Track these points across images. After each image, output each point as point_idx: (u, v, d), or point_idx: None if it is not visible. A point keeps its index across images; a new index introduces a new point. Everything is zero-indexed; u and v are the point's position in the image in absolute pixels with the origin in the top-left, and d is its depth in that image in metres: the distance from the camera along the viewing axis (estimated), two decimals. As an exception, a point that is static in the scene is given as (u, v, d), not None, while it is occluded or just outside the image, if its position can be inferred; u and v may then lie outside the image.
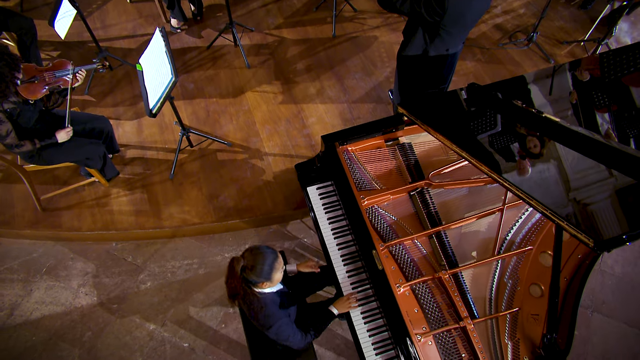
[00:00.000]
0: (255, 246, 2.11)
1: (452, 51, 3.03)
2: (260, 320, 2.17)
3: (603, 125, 2.36)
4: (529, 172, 2.10)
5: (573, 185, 2.00)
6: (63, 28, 3.51)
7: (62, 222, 3.48)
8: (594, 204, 1.90)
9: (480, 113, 2.43)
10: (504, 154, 2.22)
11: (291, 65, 4.30)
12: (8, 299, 3.33)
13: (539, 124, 2.24)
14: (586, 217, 1.86)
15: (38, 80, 2.87)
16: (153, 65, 3.03)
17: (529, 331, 2.24)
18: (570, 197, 1.97)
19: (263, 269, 2.05)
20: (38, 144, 2.92)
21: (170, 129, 3.91)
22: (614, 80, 2.55)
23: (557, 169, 2.08)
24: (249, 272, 2.05)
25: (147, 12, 4.73)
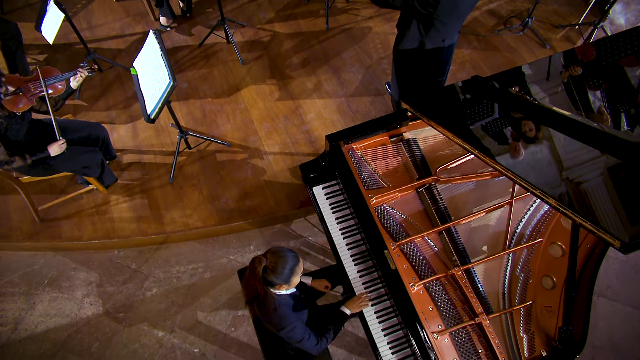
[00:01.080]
0: (279, 248, 2.10)
1: (449, 42, 2.99)
2: (274, 322, 2.15)
3: (595, 103, 2.39)
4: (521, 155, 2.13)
5: (565, 165, 2.04)
6: (51, 33, 3.39)
7: (62, 232, 3.41)
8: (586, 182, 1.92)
9: (482, 105, 2.41)
10: (500, 144, 2.23)
11: (286, 60, 4.23)
12: (11, 313, 3.27)
13: (537, 113, 2.25)
14: (582, 202, 1.88)
15: (23, 92, 2.76)
16: (148, 69, 2.95)
17: (544, 323, 2.25)
18: (563, 178, 2.01)
19: (284, 272, 2.04)
20: (29, 159, 2.81)
21: (167, 132, 3.83)
22: (611, 63, 2.55)
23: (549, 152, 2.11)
24: (269, 273, 2.04)
25: (134, 10, 4.60)
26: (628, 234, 1.66)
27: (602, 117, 2.32)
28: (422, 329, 2.18)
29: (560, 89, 2.49)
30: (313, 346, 2.27)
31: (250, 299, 2.14)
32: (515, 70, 2.69)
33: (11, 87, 2.71)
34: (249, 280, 2.09)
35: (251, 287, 2.09)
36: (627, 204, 1.81)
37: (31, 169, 2.96)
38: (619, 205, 1.83)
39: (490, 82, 2.51)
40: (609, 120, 2.29)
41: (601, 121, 2.29)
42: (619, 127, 2.25)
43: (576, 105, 2.38)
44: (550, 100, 2.42)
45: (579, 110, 2.34)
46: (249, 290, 2.12)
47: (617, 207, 1.82)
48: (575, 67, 2.55)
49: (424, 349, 2.15)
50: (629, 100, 2.35)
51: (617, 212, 1.80)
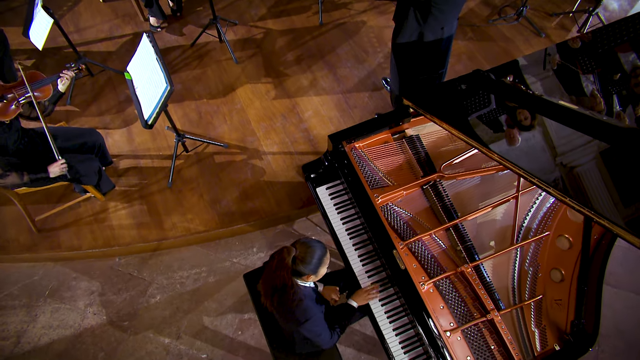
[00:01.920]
0: (307, 239, 2.12)
1: (448, 31, 2.96)
2: (298, 314, 2.13)
3: (588, 87, 2.39)
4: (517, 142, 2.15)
5: (559, 151, 2.05)
6: (40, 39, 3.29)
7: (61, 242, 3.35)
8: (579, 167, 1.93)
9: (481, 97, 2.40)
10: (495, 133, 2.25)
11: (280, 58, 4.17)
12: (13, 326, 3.22)
13: (531, 102, 2.28)
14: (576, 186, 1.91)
15: (8, 99, 2.69)
16: (143, 73, 2.88)
17: (554, 317, 2.26)
18: (557, 163, 2.03)
19: (312, 262, 2.05)
20: (26, 177, 2.74)
21: (163, 135, 3.77)
22: (606, 50, 2.55)
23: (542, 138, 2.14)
24: (299, 262, 2.04)
25: (123, 11, 4.50)
26: (621, 216, 1.71)
27: (594, 100, 2.33)
28: (434, 328, 2.17)
29: (552, 74, 2.50)
30: (328, 340, 2.29)
31: (271, 291, 2.12)
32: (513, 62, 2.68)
33: None
34: (276, 270, 2.07)
35: (277, 278, 2.07)
36: (620, 187, 1.83)
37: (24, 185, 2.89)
38: (612, 188, 1.85)
39: (487, 74, 2.50)
40: (602, 104, 2.30)
41: (594, 104, 2.31)
42: (612, 108, 2.27)
43: (569, 89, 2.40)
44: (543, 85, 2.44)
45: (572, 95, 2.37)
46: (273, 282, 2.10)
47: (610, 190, 1.84)
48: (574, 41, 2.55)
49: (437, 348, 2.15)
50: (620, 83, 2.35)
51: (611, 195, 1.82)
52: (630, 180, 1.85)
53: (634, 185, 1.82)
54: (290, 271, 2.06)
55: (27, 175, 2.76)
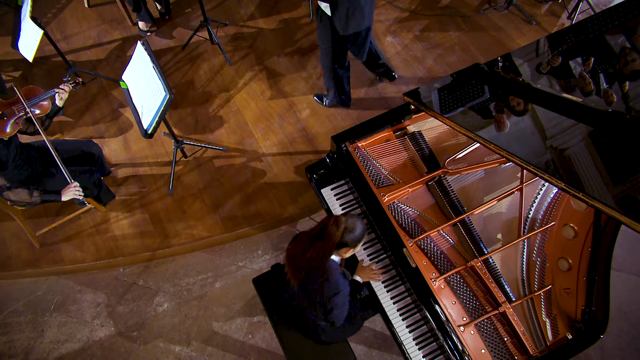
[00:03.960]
0: (351, 214, 2.13)
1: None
2: (332, 285, 2.15)
3: (576, 69, 2.42)
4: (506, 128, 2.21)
5: (548, 134, 2.13)
6: (29, 50, 3.21)
7: (64, 256, 3.32)
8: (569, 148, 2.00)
9: (477, 89, 2.44)
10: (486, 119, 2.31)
11: (273, 56, 4.14)
12: (19, 343, 3.19)
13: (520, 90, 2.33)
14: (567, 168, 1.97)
15: (7, 116, 2.64)
16: (140, 82, 2.84)
17: (564, 306, 2.30)
18: (547, 146, 2.09)
19: (359, 234, 2.09)
20: (37, 196, 2.70)
21: (160, 141, 3.73)
22: (595, 36, 2.58)
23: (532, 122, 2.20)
24: (348, 233, 2.06)
25: (110, 16, 4.42)
26: (611, 195, 1.78)
27: (584, 81, 2.34)
28: (448, 323, 2.20)
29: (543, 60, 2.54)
30: (344, 316, 2.31)
31: (301, 268, 2.15)
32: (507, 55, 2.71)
33: None
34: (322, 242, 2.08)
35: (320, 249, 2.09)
36: (608, 166, 1.89)
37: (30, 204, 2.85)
38: (601, 167, 1.90)
39: (481, 66, 2.53)
40: (591, 84, 2.31)
41: (583, 85, 2.33)
42: (599, 86, 2.29)
43: (557, 73, 2.44)
44: (534, 72, 2.49)
45: (561, 78, 2.42)
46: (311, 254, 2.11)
47: (600, 170, 1.89)
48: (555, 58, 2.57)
49: (453, 342, 2.17)
50: (607, 63, 2.39)
51: (601, 174, 1.87)
52: (617, 159, 1.91)
53: (621, 164, 1.89)
54: (336, 244, 2.08)
55: (38, 195, 2.71)
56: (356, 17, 2.94)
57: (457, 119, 2.31)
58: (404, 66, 4.03)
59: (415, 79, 3.93)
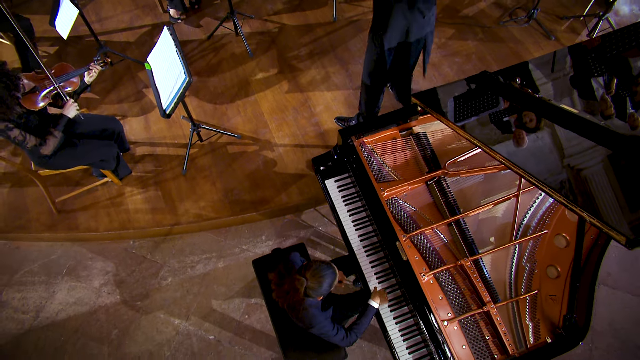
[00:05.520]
0: (317, 267, 2.21)
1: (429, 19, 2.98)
2: (305, 321, 2.30)
3: (598, 90, 2.45)
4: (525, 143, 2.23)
5: (567, 153, 2.13)
6: (65, 28, 3.44)
7: (79, 224, 3.51)
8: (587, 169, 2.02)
9: (488, 98, 2.49)
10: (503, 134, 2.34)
11: (294, 52, 4.28)
12: (32, 301, 3.39)
13: (537, 106, 2.34)
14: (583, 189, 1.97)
15: (39, 90, 2.83)
16: (163, 65, 3.01)
17: (548, 311, 2.36)
18: (564, 165, 2.10)
19: (323, 289, 2.20)
20: (57, 132, 2.87)
21: (178, 124, 3.90)
22: (615, 54, 2.61)
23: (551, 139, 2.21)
24: (310, 292, 2.20)
25: (143, 2, 4.63)
26: (627, 221, 1.76)
27: (605, 104, 2.39)
28: (432, 317, 2.28)
29: (564, 76, 2.57)
30: (341, 340, 2.41)
31: (283, 295, 2.31)
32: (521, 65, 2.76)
33: (28, 86, 2.77)
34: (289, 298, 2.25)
35: (290, 300, 2.26)
36: (627, 192, 1.90)
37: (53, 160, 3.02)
38: (619, 193, 1.91)
39: (496, 77, 2.58)
40: (612, 108, 2.35)
41: (604, 108, 2.36)
42: (625, 110, 2.31)
43: (579, 93, 2.46)
44: (553, 88, 2.51)
45: (582, 98, 2.43)
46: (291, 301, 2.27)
47: (618, 195, 1.90)
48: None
49: (434, 336, 2.26)
50: (631, 87, 2.41)
51: (618, 200, 1.88)
52: (636, 185, 1.90)
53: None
54: (303, 301, 2.23)
55: (57, 131, 2.87)
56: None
57: (466, 128, 2.36)
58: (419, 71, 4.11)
59: (429, 85, 4.02)
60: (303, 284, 2.18)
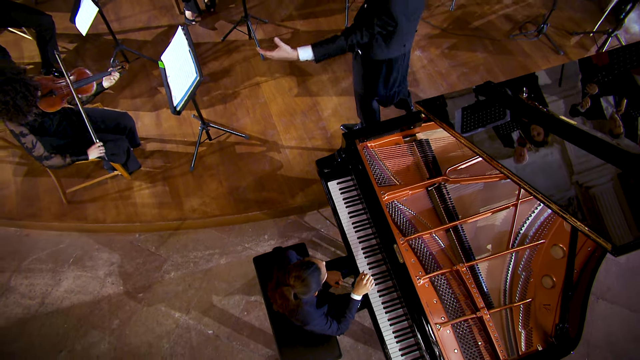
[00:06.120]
0: (298, 271, 2.25)
1: (409, 46, 3.03)
2: (299, 318, 2.36)
3: (608, 109, 2.47)
4: (525, 160, 2.25)
5: (576, 170, 2.15)
6: (84, 25, 3.57)
7: (87, 214, 3.61)
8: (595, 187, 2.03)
9: (494, 110, 2.53)
10: (508, 148, 2.36)
11: (305, 57, 4.36)
12: (39, 288, 3.48)
13: (543, 120, 2.36)
14: (591, 207, 1.98)
15: (56, 95, 2.94)
16: (176, 63, 3.10)
17: (541, 320, 2.38)
18: (573, 182, 2.11)
19: (312, 288, 2.25)
20: (68, 159, 3.01)
21: (189, 122, 4.00)
22: (624, 71, 2.64)
23: (560, 155, 2.21)
24: (301, 295, 2.26)
25: (161, 3, 4.77)
26: (633, 237, 1.76)
27: (614, 122, 2.41)
28: (426, 320, 2.32)
29: (572, 94, 2.59)
30: (335, 331, 2.48)
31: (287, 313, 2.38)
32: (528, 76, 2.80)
33: (45, 88, 2.88)
34: (283, 303, 2.31)
35: (287, 309, 2.32)
36: (634, 209, 1.91)
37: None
38: (627, 211, 1.92)
39: (502, 89, 2.62)
40: (621, 127, 2.37)
41: (613, 127, 2.39)
42: (636, 131, 2.33)
43: (588, 111, 2.47)
44: (563, 105, 2.53)
45: (591, 117, 2.43)
46: (286, 310, 2.34)
47: (625, 212, 1.91)
48: (591, 85, 2.61)
49: (427, 339, 2.29)
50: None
51: (625, 216, 1.90)
52: None
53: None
54: (295, 306, 2.29)
55: (69, 158, 3.03)
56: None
57: (470, 139, 2.38)
58: (427, 80, 4.18)
59: (436, 93, 4.07)
60: (291, 292, 2.25)
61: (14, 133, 2.83)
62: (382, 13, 2.60)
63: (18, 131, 2.81)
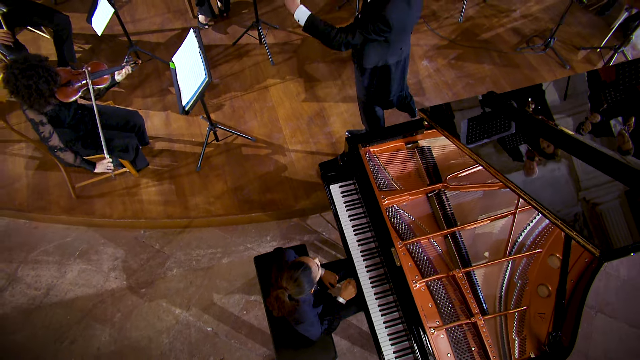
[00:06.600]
0: (290, 270, 2.29)
1: (405, 50, 3.13)
2: (295, 317, 2.40)
3: (616, 126, 2.48)
4: (535, 173, 2.26)
5: (584, 186, 2.15)
6: (100, 25, 3.68)
7: (95, 209, 3.69)
8: (602, 204, 2.04)
9: (498, 121, 2.56)
10: (514, 161, 2.38)
11: (313, 63, 4.44)
12: (44, 279, 3.56)
13: (550, 135, 2.38)
14: (597, 224, 2.00)
15: (73, 84, 3.04)
16: (186, 64, 3.19)
17: (535, 329, 2.40)
18: (580, 198, 2.12)
19: (305, 288, 2.29)
20: (78, 160, 3.10)
21: (197, 123, 4.09)
22: (629, 87, 2.66)
23: (567, 171, 2.23)
24: (296, 296, 2.30)
25: (175, 7, 4.89)
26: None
27: (622, 139, 2.42)
28: (420, 323, 2.34)
29: (580, 110, 2.60)
30: (316, 335, 2.54)
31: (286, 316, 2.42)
32: (532, 87, 2.83)
33: (63, 79, 2.99)
34: (283, 310, 2.33)
35: (285, 311, 2.35)
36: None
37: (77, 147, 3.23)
38: (634, 229, 1.94)
39: (507, 100, 2.65)
40: (629, 142, 2.38)
41: (622, 143, 2.40)
42: None
43: (596, 127, 2.47)
44: (569, 121, 2.53)
45: (600, 134, 2.44)
46: (285, 313, 2.37)
47: (633, 231, 1.93)
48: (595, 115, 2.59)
49: (421, 343, 2.32)
50: None
51: (631, 234, 1.91)
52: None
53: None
54: (292, 307, 2.32)
55: (79, 159, 3.11)
56: None
57: (474, 149, 2.41)
58: (433, 89, 4.23)
59: (441, 102, 4.11)
60: (285, 294, 2.28)
61: (33, 122, 2.91)
62: (377, 19, 2.67)
63: (38, 119, 2.90)
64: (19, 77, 2.69)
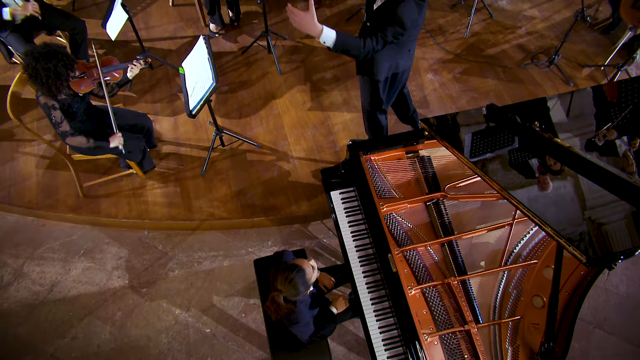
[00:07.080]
0: (284, 272, 2.33)
1: (412, 51, 3.16)
2: (291, 317, 2.44)
3: (621, 147, 2.50)
4: (549, 188, 2.28)
5: (588, 204, 2.18)
6: (114, 30, 3.81)
7: (101, 209, 3.77)
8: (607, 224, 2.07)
9: (500, 134, 2.60)
10: (513, 173, 2.42)
11: (320, 74, 4.53)
12: (49, 276, 3.63)
13: (551, 150, 2.41)
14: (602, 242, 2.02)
15: (87, 76, 3.15)
16: (195, 70, 3.29)
17: (529, 339, 2.41)
18: (585, 217, 2.14)
19: (300, 290, 2.33)
20: (92, 141, 3.19)
21: (204, 128, 4.18)
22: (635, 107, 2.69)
23: (573, 189, 2.25)
24: (291, 298, 2.36)
25: (188, 15, 5.03)
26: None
27: (627, 161, 2.45)
28: (414, 329, 2.37)
29: (584, 129, 2.61)
30: (307, 337, 2.57)
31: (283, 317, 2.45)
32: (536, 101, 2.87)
33: (78, 71, 3.10)
34: (276, 311, 2.38)
35: (283, 314, 2.40)
36: None
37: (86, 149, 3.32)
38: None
39: (510, 114, 2.68)
40: (634, 165, 2.41)
41: (626, 165, 2.42)
42: None
43: (601, 149, 2.49)
44: (575, 139, 2.55)
45: (605, 154, 2.45)
46: (281, 316, 2.42)
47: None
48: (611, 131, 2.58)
49: (414, 348, 2.34)
50: None
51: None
52: None
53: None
54: (289, 309, 2.38)
55: (93, 140, 3.20)
56: None
57: (478, 164, 2.43)
58: (437, 102, 4.29)
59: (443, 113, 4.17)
60: (280, 296, 2.33)
61: (46, 106, 3.01)
62: (394, 22, 2.71)
63: (50, 104, 3.01)
64: (40, 59, 2.83)
